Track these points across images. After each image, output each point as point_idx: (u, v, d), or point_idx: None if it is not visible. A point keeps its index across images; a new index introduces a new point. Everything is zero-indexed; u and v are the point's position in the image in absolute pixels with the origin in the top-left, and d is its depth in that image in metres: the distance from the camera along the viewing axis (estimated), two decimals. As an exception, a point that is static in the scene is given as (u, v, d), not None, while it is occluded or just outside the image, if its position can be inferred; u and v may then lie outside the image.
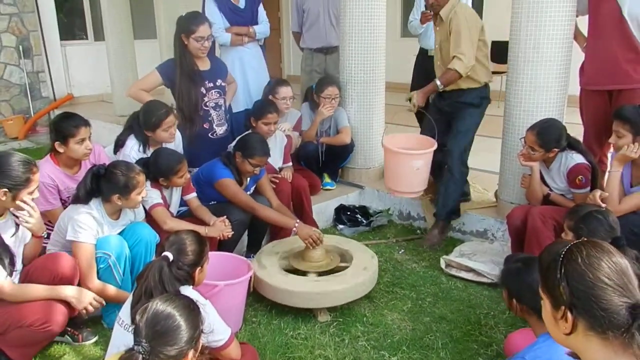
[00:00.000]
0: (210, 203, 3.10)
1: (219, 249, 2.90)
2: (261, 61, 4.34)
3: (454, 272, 3.17)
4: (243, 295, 2.62)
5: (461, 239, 3.65)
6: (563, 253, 1.12)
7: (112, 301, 2.51)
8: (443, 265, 3.22)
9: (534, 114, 3.15)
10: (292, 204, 3.57)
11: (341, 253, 3.06)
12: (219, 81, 3.60)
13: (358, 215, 3.91)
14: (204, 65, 3.53)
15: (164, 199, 2.90)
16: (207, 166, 3.17)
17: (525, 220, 2.85)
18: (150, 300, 1.55)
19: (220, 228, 2.87)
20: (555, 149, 2.88)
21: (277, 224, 3.11)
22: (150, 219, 2.80)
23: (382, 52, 4.07)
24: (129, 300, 1.92)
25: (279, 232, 3.31)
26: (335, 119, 4.05)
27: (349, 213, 3.94)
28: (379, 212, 3.98)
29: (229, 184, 3.04)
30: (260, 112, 3.45)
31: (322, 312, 2.72)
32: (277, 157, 3.66)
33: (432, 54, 3.80)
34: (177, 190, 3.02)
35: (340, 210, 3.96)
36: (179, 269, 1.95)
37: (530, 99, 3.18)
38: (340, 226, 3.89)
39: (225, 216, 2.93)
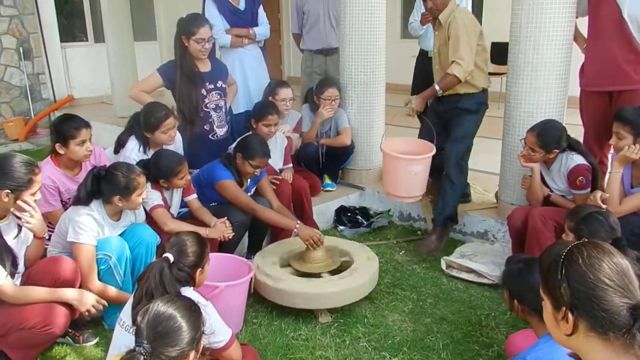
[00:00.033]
0: (211, 204, 3.10)
1: (220, 250, 2.90)
2: (261, 63, 4.35)
3: (454, 273, 3.17)
4: (244, 297, 2.62)
5: (462, 240, 3.65)
6: (564, 254, 1.12)
7: (113, 302, 2.51)
8: (444, 267, 3.22)
9: (534, 115, 3.15)
10: (293, 205, 3.57)
11: (342, 254, 3.06)
12: (220, 83, 3.60)
13: (358, 217, 3.91)
14: (205, 66, 3.54)
15: (165, 201, 2.91)
16: (208, 167, 3.17)
17: (525, 222, 2.85)
18: (151, 302, 1.55)
19: (221, 229, 2.87)
20: (556, 150, 2.88)
21: (278, 225, 3.12)
22: (151, 221, 2.80)
23: (382, 54, 4.07)
24: (130, 301, 1.93)
25: (280, 234, 3.31)
26: (335, 120, 4.06)
27: (349, 214, 3.94)
28: (380, 213, 3.98)
29: (230, 185, 3.05)
30: (260, 114, 3.45)
31: (323, 313, 2.72)
32: (278, 159, 3.66)
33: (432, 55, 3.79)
34: (178, 192, 3.02)
35: (341, 212, 3.96)
36: (180, 270, 1.95)
37: (531, 100, 3.18)
38: (341, 227, 3.89)
39: (225, 217, 2.93)
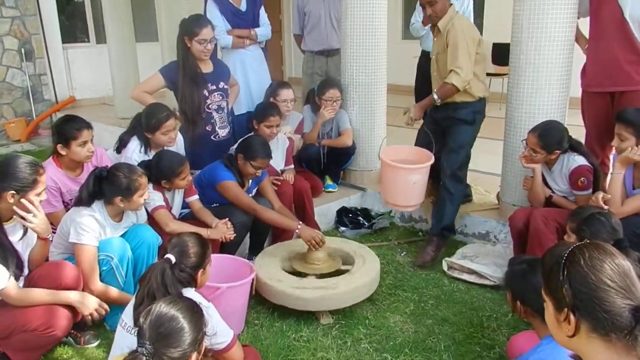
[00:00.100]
0: (213, 205, 3.10)
1: (221, 251, 2.90)
2: (263, 64, 4.35)
3: (456, 275, 3.17)
4: (245, 298, 2.62)
5: (463, 241, 3.65)
6: (565, 255, 1.12)
7: (115, 303, 2.52)
8: (445, 268, 3.22)
9: (535, 116, 3.15)
10: (294, 206, 3.56)
11: (343, 255, 3.06)
12: (222, 84, 3.60)
13: (360, 218, 3.91)
14: (207, 67, 3.54)
15: (166, 202, 2.91)
16: (209, 168, 3.18)
17: (527, 223, 2.85)
18: (153, 303, 1.55)
19: (223, 230, 2.87)
20: (557, 151, 2.88)
21: (280, 226, 3.12)
22: (153, 221, 2.81)
23: (384, 55, 4.07)
24: (132, 302, 1.93)
25: (281, 235, 3.32)
26: (336, 121, 4.06)
27: (350, 215, 3.93)
28: (381, 215, 3.98)
29: (231, 186, 3.05)
30: (262, 115, 3.46)
31: (325, 315, 2.72)
32: (279, 160, 3.66)
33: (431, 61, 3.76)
34: (179, 193, 3.02)
35: (342, 213, 3.96)
36: (182, 271, 1.95)
37: (532, 101, 3.18)
38: (342, 228, 3.89)
39: (227, 218, 2.93)
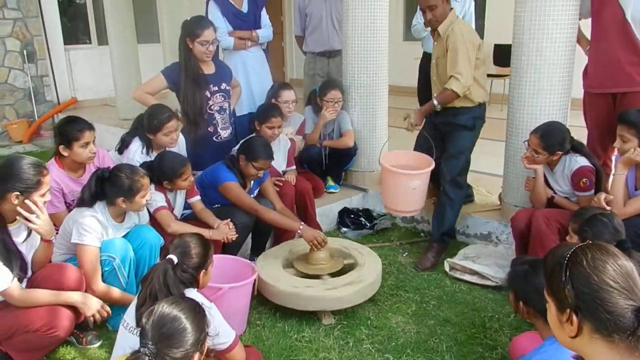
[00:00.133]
0: (214, 206, 3.10)
1: (223, 251, 2.91)
2: (264, 65, 4.35)
3: (458, 275, 3.16)
4: (247, 298, 2.62)
5: (465, 241, 3.65)
6: (568, 256, 1.12)
7: (117, 304, 2.52)
8: (447, 268, 3.22)
9: (537, 117, 3.15)
10: (296, 206, 3.57)
11: (345, 256, 3.06)
12: (224, 85, 3.61)
13: (362, 218, 3.91)
14: (209, 69, 3.55)
15: (168, 202, 2.91)
16: (211, 169, 3.18)
17: (529, 223, 2.84)
18: (155, 303, 1.56)
19: (224, 231, 2.87)
20: (559, 152, 2.88)
21: (282, 226, 3.12)
22: (155, 222, 2.81)
23: (385, 56, 4.08)
24: (134, 302, 1.93)
25: (283, 235, 3.32)
26: (338, 122, 4.06)
27: (352, 216, 3.93)
28: (383, 215, 3.98)
29: (233, 187, 3.05)
30: (264, 116, 3.46)
31: (327, 315, 2.72)
32: (281, 161, 3.67)
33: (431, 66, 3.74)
34: (181, 193, 3.03)
35: (344, 213, 3.96)
36: (184, 272, 1.95)
37: (534, 102, 3.18)
38: (344, 229, 3.89)
39: (229, 219, 2.94)
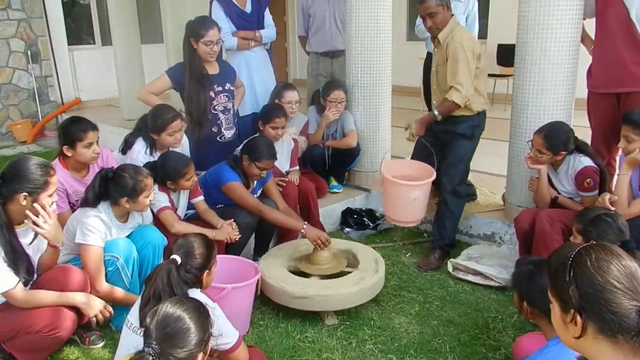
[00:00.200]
0: (218, 206, 3.10)
1: (226, 252, 2.91)
2: (268, 65, 4.35)
3: (461, 276, 3.16)
4: (250, 298, 2.63)
5: (468, 242, 3.64)
6: (572, 256, 1.11)
7: (121, 304, 2.53)
8: (450, 269, 3.22)
9: (541, 117, 3.14)
10: (299, 207, 3.57)
11: (348, 256, 3.06)
12: (228, 85, 3.61)
13: (365, 219, 3.91)
14: (213, 69, 3.55)
15: (172, 202, 2.92)
16: (214, 169, 3.18)
17: (533, 224, 2.84)
18: (159, 303, 1.56)
19: (228, 231, 2.87)
20: (563, 152, 2.87)
21: (285, 226, 3.12)
22: (158, 222, 2.81)
23: (388, 56, 4.07)
24: (138, 303, 1.94)
25: (286, 235, 3.32)
26: (341, 122, 4.06)
27: (355, 216, 3.93)
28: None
29: (236, 187, 3.05)
30: (268, 116, 3.46)
31: (330, 316, 2.72)
32: (284, 161, 3.67)
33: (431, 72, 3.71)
34: (185, 194, 3.03)
35: (347, 214, 3.96)
36: (187, 272, 1.96)
37: (538, 102, 3.17)
38: (347, 229, 3.89)
39: (232, 219, 2.94)
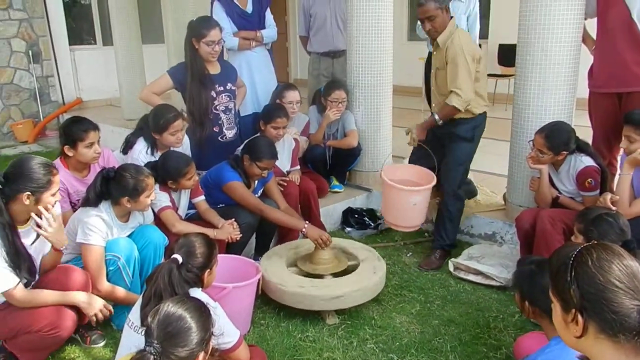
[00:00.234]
0: (219, 206, 3.11)
1: (227, 251, 2.91)
2: (269, 65, 4.36)
3: (462, 275, 3.16)
4: (251, 298, 2.63)
5: (469, 241, 3.64)
6: (573, 256, 1.11)
7: (122, 303, 2.53)
8: (451, 268, 3.22)
9: (542, 117, 3.14)
10: (300, 206, 3.57)
11: (349, 256, 3.06)
12: (229, 85, 3.61)
13: (366, 218, 3.91)
14: (215, 69, 3.55)
15: (173, 202, 2.92)
16: (215, 169, 3.18)
17: (534, 223, 2.83)
18: (160, 303, 1.56)
19: (229, 231, 2.88)
20: (564, 152, 2.87)
21: (287, 225, 3.12)
22: (159, 222, 2.82)
23: (389, 56, 4.07)
24: (139, 302, 1.94)
25: (287, 235, 3.32)
26: (342, 122, 4.06)
27: (356, 216, 3.94)
28: (387, 215, 3.98)
29: (237, 186, 3.05)
30: (269, 116, 3.46)
31: (331, 315, 2.72)
32: (285, 161, 3.67)
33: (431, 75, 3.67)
34: (186, 193, 3.04)
35: (348, 213, 3.96)
36: (188, 272, 1.96)
37: (539, 101, 3.17)
38: (348, 229, 3.89)
39: (233, 219, 2.94)
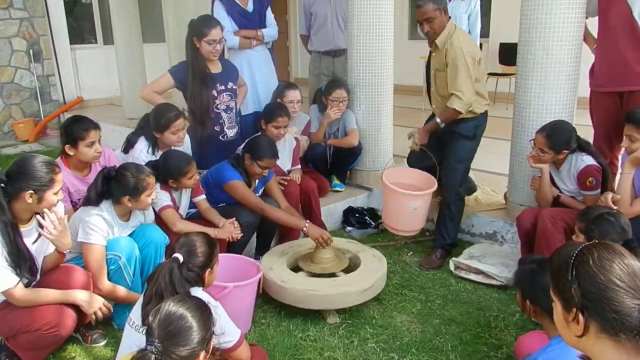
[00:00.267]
0: (220, 205, 3.11)
1: (228, 250, 2.91)
2: (269, 64, 4.36)
3: (463, 274, 3.16)
4: (252, 297, 2.63)
5: (470, 241, 3.64)
6: (574, 255, 1.11)
7: (123, 302, 2.53)
8: (452, 268, 3.22)
9: (543, 116, 3.14)
10: (301, 206, 3.57)
11: (350, 255, 3.06)
12: (230, 84, 3.61)
13: (366, 217, 3.91)
14: (216, 68, 3.55)
15: (174, 201, 2.92)
16: (216, 168, 3.18)
17: (535, 223, 2.83)
18: (161, 302, 1.56)
19: (230, 230, 2.88)
20: (565, 151, 2.86)
21: (288, 224, 3.12)
22: (160, 221, 2.82)
23: (390, 55, 4.07)
24: (140, 301, 1.94)
25: (288, 234, 3.32)
26: (343, 121, 4.06)
27: (357, 215, 3.94)
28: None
29: (238, 185, 3.05)
30: (270, 115, 3.46)
31: (331, 314, 2.72)
32: (286, 160, 3.67)
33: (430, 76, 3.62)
34: (187, 192, 3.04)
35: (349, 212, 3.96)
36: (189, 271, 1.96)
37: (540, 100, 3.16)
38: (349, 228, 3.89)
39: (234, 218, 2.94)
